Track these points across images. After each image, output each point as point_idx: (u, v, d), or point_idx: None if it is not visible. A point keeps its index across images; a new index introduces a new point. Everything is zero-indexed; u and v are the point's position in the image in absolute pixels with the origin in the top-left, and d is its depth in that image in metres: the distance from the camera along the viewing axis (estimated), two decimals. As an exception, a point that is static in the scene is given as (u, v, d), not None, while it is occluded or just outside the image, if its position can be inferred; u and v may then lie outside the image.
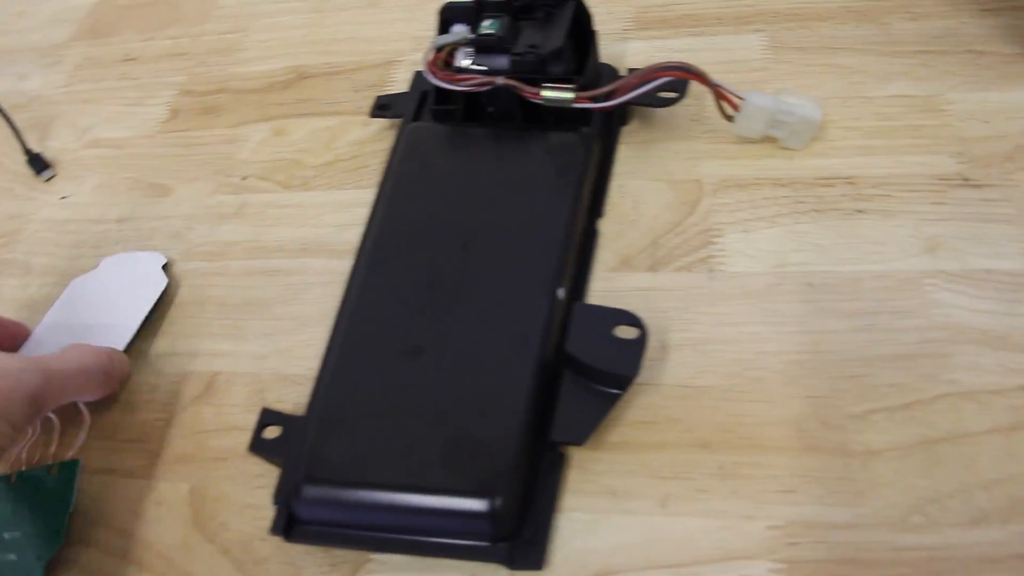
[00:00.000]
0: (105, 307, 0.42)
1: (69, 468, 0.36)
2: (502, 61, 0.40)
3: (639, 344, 0.33)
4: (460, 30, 0.42)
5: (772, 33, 0.46)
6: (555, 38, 0.39)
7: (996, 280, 0.35)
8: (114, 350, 0.39)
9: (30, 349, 0.41)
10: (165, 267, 0.43)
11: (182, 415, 0.39)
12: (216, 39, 0.56)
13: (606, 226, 0.40)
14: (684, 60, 0.38)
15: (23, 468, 0.37)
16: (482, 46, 0.40)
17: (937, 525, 0.30)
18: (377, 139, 0.46)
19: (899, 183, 0.38)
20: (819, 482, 0.31)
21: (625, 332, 0.34)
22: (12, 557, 0.34)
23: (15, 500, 0.36)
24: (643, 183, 0.41)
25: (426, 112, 0.44)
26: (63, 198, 0.50)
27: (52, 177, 0.51)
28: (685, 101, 0.41)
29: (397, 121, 0.46)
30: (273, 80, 0.52)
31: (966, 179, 0.38)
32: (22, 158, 0.51)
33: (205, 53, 0.55)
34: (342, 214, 0.43)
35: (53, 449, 0.38)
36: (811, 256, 0.37)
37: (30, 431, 0.38)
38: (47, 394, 0.34)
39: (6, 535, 0.35)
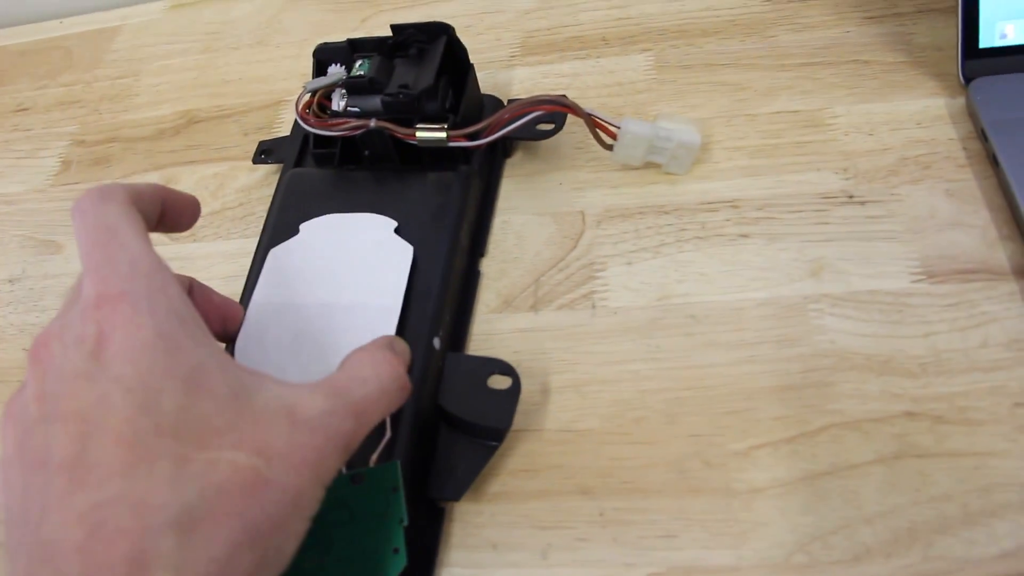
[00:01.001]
0: (336, 280, 0.35)
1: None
2: (375, 102, 0.39)
3: (512, 394, 0.32)
4: (335, 71, 0.40)
5: (658, 52, 0.45)
6: (426, 76, 0.38)
7: (879, 301, 0.34)
8: (394, 339, 0.31)
9: (248, 334, 0.34)
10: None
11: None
12: (108, 85, 0.55)
13: (489, 266, 0.39)
14: (558, 93, 0.38)
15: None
16: (353, 88, 0.39)
17: (820, 564, 0.29)
18: (265, 184, 0.45)
19: (783, 204, 0.38)
20: (701, 525, 0.30)
21: (499, 382, 0.33)
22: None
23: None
24: (527, 218, 0.40)
25: (308, 156, 0.42)
26: (-47, 260, 0.48)
27: (-59, 238, 0.49)
28: (569, 128, 0.40)
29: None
30: (163, 127, 0.50)
31: (851, 196, 0.37)
32: (-90, 221, 0.50)
33: (97, 100, 0.54)
34: (230, 265, 0.42)
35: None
36: (694, 286, 0.36)
37: None
38: (357, 437, 0.26)
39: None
